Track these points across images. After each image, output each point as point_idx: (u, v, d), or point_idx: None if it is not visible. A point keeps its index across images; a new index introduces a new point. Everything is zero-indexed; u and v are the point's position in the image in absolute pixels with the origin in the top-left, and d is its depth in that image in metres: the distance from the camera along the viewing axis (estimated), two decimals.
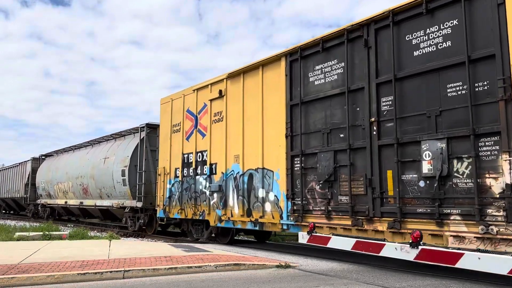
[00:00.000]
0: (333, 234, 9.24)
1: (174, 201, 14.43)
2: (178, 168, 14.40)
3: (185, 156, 14.15)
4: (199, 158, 13.47)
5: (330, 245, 9.07)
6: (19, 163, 32.69)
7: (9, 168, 36.02)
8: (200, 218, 13.20)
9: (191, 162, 13.81)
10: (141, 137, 17.64)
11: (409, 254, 7.43)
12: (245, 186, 11.58)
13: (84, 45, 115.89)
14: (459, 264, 6.73)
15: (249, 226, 11.54)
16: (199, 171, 13.44)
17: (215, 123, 13.03)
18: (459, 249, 6.99)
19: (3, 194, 36.21)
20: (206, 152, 13.15)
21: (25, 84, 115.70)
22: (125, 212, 18.10)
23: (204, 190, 13.13)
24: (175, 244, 12.45)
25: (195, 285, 6.85)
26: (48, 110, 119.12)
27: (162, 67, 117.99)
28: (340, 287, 6.65)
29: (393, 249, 7.73)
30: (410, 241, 7.40)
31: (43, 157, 30.08)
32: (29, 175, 29.75)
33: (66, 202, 24.14)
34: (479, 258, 6.51)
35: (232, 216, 12.01)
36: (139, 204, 16.83)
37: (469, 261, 6.62)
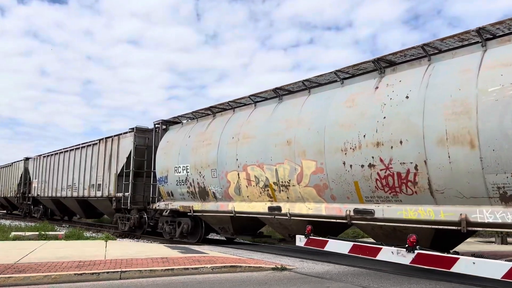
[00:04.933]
0: (330, 238, 9.28)
1: None
2: None
3: None
4: None
5: (328, 248, 9.12)
6: (99, 140, 19.37)
7: (76, 147, 21.63)
8: None
9: None
10: None
11: (405, 258, 7.48)
12: None
13: (81, 43, 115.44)
14: (454, 269, 6.79)
15: None
16: None
17: None
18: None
19: (58, 192, 22.99)
20: None
21: (21, 83, 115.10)
22: None
23: None
24: (171, 246, 12.47)
25: (192, 286, 6.86)
26: (44, 109, 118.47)
27: (159, 67, 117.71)
28: None
29: (390, 253, 7.77)
30: (407, 245, 7.45)
31: (170, 123, 16.23)
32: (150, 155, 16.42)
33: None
34: (473, 263, 6.57)
35: None
36: None
37: (464, 266, 6.68)
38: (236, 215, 12.06)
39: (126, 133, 17.49)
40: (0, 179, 34.84)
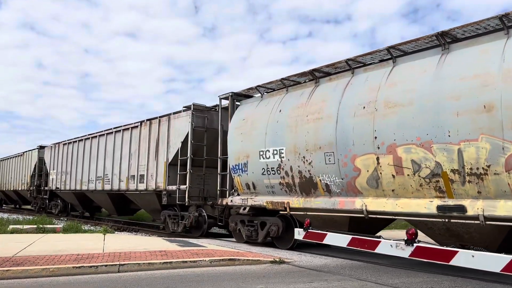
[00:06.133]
0: (329, 231, 9.28)
1: None
2: None
3: None
4: None
5: (326, 241, 9.11)
6: (140, 122, 16.71)
7: (109, 132, 18.78)
8: None
9: None
10: None
11: (404, 251, 7.47)
12: None
13: (78, 36, 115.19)
14: (453, 262, 6.78)
15: None
16: None
17: None
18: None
19: (84, 184, 20.12)
20: None
21: (18, 76, 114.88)
22: None
23: None
24: (170, 239, 12.46)
25: (190, 279, 6.86)
26: (41, 102, 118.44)
27: (157, 60, 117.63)
28: (334, 283, 6.69)
29: (389, 246, 7.77)
30: (406, 238, 7.45)
31: (241, 96, 13.10)
32: None
33: None
34: (473, 256, 6.57)
35: None
36: None
37: (463, 259, 6.67)
38: (369, 216, 8.69)
39: (179, 112, 14.60)
40: (9, 171, 31.88)
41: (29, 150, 28.31)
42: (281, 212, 10.70)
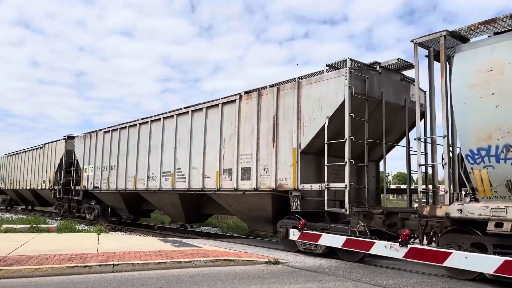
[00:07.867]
0: (323, 232, 9.31)
1: None
2: None
3: None
4: None
5: (321, 242, 9.14)
6: (239, 95, 11.93)
7: (180, 113, 14.09)
8: None
9: None
10: None
11: (398, 252, 7.52)
12: None
13: (73, 34, 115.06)
14: (447, 263, 6.84)
15: None
16: None
17: None
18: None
19: (140, 182, 15.61)
20: None
21: (12, 73, 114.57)
22: None
23: None
24: (164, 239, 12.45)
25: (185, 279, 6.85)
26: (35, 100, 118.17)
27: (153, 59, 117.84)
28: (328, 284, 6.71)
29: (383, 247, 7.81)
30: (400, 239, 7.49)
31: (457, 37, 7.87)
32: None
33: None
34: (466, 257, 6.62)
35: None
36: None
37: (456, 260, 6.73)
38: None
39: (316, 74, 10.39)
40: (24, 167, 27.05)
41: (52, 142, 23.56)
42: None
